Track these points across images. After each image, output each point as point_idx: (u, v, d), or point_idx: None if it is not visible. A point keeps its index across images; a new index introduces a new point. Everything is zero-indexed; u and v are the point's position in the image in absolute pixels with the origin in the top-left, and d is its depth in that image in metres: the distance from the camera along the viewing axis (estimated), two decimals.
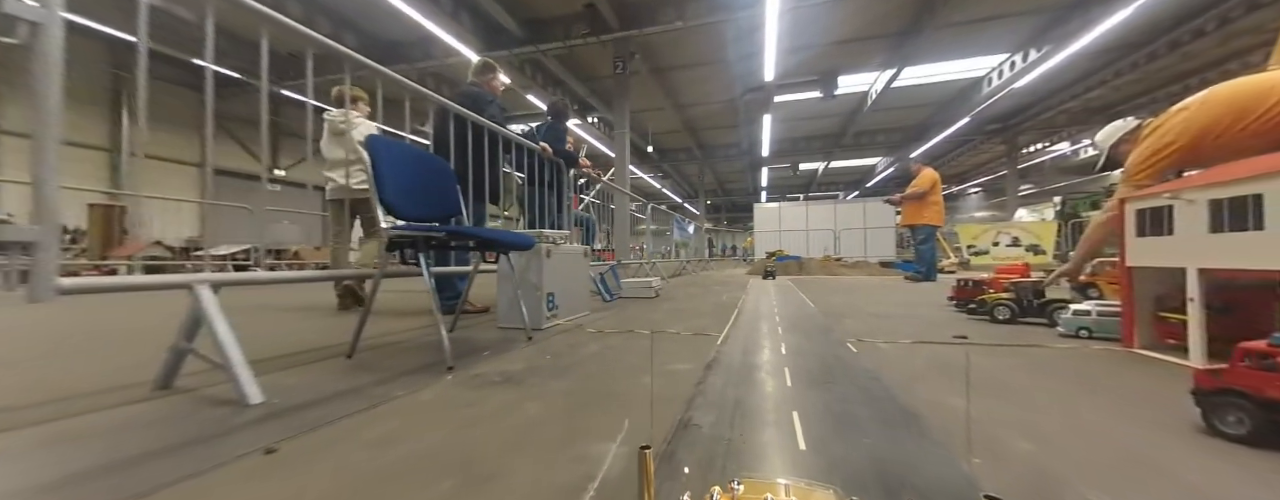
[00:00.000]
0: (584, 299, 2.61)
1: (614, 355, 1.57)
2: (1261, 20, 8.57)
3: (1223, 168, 1.28)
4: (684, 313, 2.69)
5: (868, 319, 2.38)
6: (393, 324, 2.25)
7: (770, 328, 2.09)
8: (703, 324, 2.23)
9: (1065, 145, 17.14)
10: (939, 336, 1.87)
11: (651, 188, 24.61)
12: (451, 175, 1.87)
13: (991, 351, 1.60)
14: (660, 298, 3.53)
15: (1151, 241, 1.45)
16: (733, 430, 0.89)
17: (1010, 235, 9.29)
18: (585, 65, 11.19)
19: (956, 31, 10.04)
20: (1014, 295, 2.13)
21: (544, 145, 2.77)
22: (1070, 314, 1.77)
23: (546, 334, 1.96)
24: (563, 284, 2.30)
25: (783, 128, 15.63)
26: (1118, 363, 1.42)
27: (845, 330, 2.03)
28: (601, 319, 2.42)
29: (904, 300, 3.33)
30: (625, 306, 3.01)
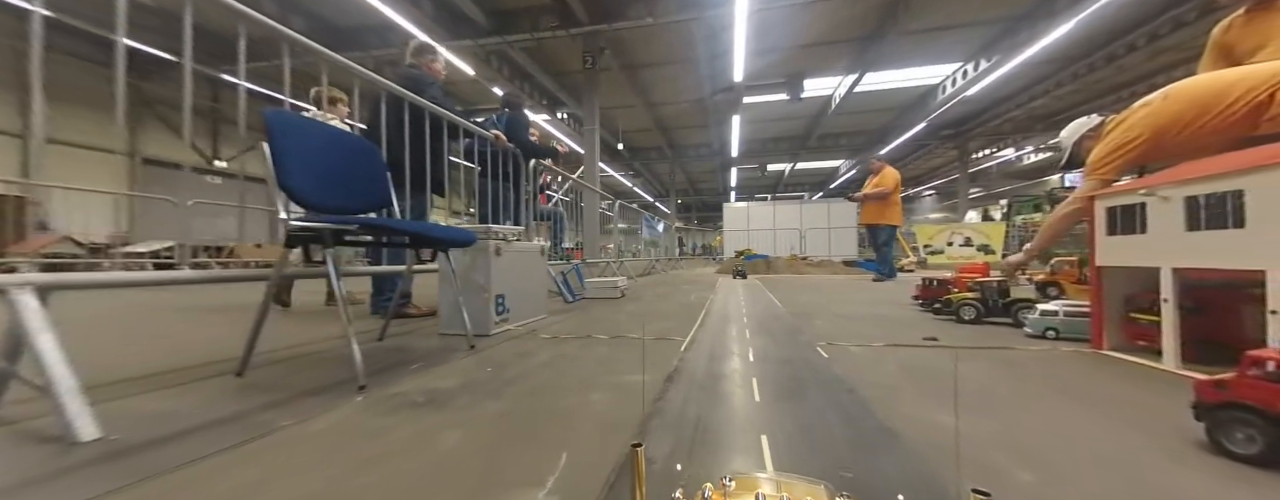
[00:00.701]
0: (541, 301, 2.41)
1: (565, 365, 1.39)
2: (1185, 38, 9.23)
3: (1200, 163, 1.23)
4: (649, 314, 2.53)
5: (836, 320, 2.29)
6: (317, 331, 1.98)
7: (738, 331, 1.96)
8: (667, 327, 2.08)
9: (1010, 151, 18.10)
10: (909, 338, 1.79)
11: (623, 186, 24.43)
12: (380, 161, 1.63)
13: (964, 355, 1.52)
14: (626, 298, 3.36)
15: (1123, 240, 1.40)
16: (691, 461, 0.73)
17: (963, 235, 9.66)
18: (554, 59, 10.88)
19: (915, 39, 10.35)
20: (979, 295, 2.09)
21: (497, 133, 2.54)
22: (1037, 314, 1.72)
23: (493, 341, 1.76)
24: (516, 285, 2.10)
25: (751, 129, 15.78)
26: (1092, 366, 1.35)
27: (814, 332, 1.92)
28: (559, 323, 2.23)
29: (869, 299, 3.30)
30: (588, 308, 2.82)
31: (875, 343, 1.69)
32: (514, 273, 2.09)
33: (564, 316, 2.44)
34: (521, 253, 2.17)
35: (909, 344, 1.67)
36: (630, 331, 1.96)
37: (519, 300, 2.12)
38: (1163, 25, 9.20)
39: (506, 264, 2.01)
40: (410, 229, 1.26)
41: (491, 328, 1.86)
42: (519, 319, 2.12)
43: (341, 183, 1.43)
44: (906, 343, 1.69)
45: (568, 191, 6.73)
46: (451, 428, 0.90)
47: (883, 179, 5.34)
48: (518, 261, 2.12)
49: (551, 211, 3.97)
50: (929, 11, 9.33)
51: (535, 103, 12.21)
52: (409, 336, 1.88)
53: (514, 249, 2.08)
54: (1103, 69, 10.89)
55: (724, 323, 2.19)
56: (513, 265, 2.07)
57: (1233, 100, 1.43)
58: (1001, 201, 15.49)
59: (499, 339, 1.80)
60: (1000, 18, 9.68)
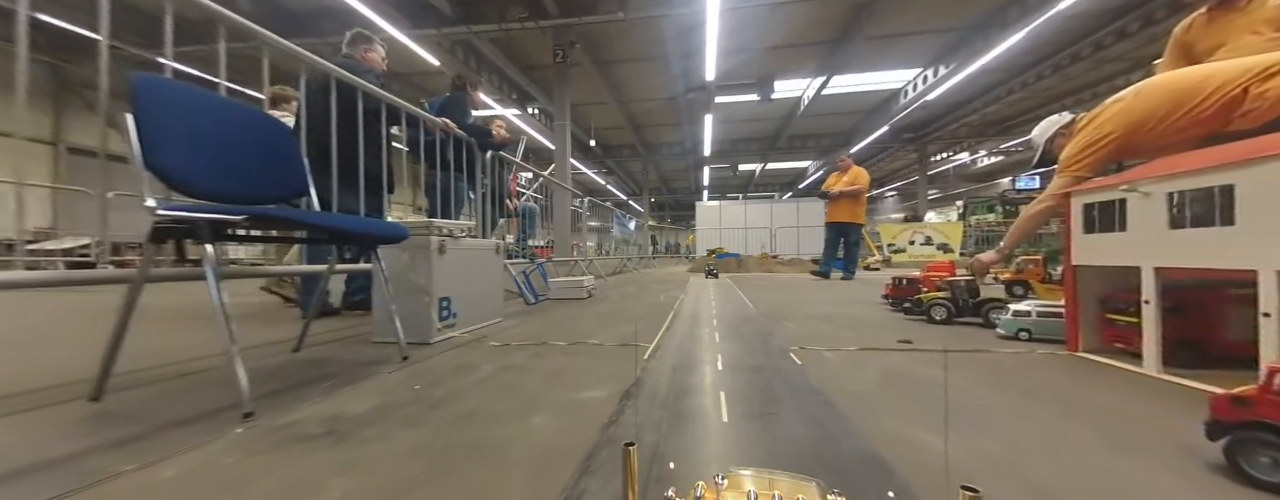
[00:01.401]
0: (497, 303, 2.20)
1: (511, 380, 1.20)
2: (1126, 49, 9.80)
3: (1185, 156, 1.16)
4: (615, 316, 2.37)
5: (807, 321, 2.19)
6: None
7: (707, 335, 1.82)
8: (632, 331, 1.92)
9: (965, 155, 18.90)
10: (882, 340, 1.69)
11: (597, 184, 24.15)
12: (292, 142, 1.39)
13: (939, 357, 1.43)
14: (593, 299, 3.19)
15: (1100, 238, 1.33)
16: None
17: (924, 235, 9.96)
18: (523, 52, 10.54)
19: (878, 44, 10.57)
20: (949, 295, 2.03)
21: (446, 121, 2.30)
22: (1010, 315, 1.65)
23: (434, 350, 1.55)
24: (465, 286, 1.89)
25: (723, 128, 15.84)
26: (1071, 371, 1.28)
27: (786, 335, 1.80)
28: (515, 327, 2.03)
29: (838, 298, 3.24)
30: (551, 310, 2.63)
31: (849, 347, 1.58)
32: (463, 273, 1.88)
33: (522, 320, 2.24)
34: (473, 250, 1.96)
35: (884, 347, 1.57)
36: (592, 336, 1.79)
37: (469, 303, 1.91)
38: (1106, 37, 9.73)
39: (454, 263, 1.80)
40: (316, 222, 1.05)
41: (433, 335, 1.65)
42: (469, 324, 1.91)
43: (241, 166, 1.19)
44: (881, 346, 1.59)
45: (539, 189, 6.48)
46: (344, 471, 0.70)
47: (857, 177, 5.23)
48: (468, 260, 1.91)
49: (522, 208, 3.71)
50: (891, 18, 9.54)
51: (504, 96, 11.82)
52: (335, 346, 1.65)
53: (463, 246, 1.87)
54: (1050, 77, 11.44)
55: (693, 325, 2.05)
56: (462, 264, 1.86)
57: (1206, 96, 1.39)
58: (958, 202, 16.15)
59: (440, 348, 1.59)
60: (957, 26, 10.01)
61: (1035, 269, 2.30)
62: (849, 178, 5.26)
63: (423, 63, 9.64)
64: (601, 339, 1.74)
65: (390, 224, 1.32)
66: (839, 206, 5.28)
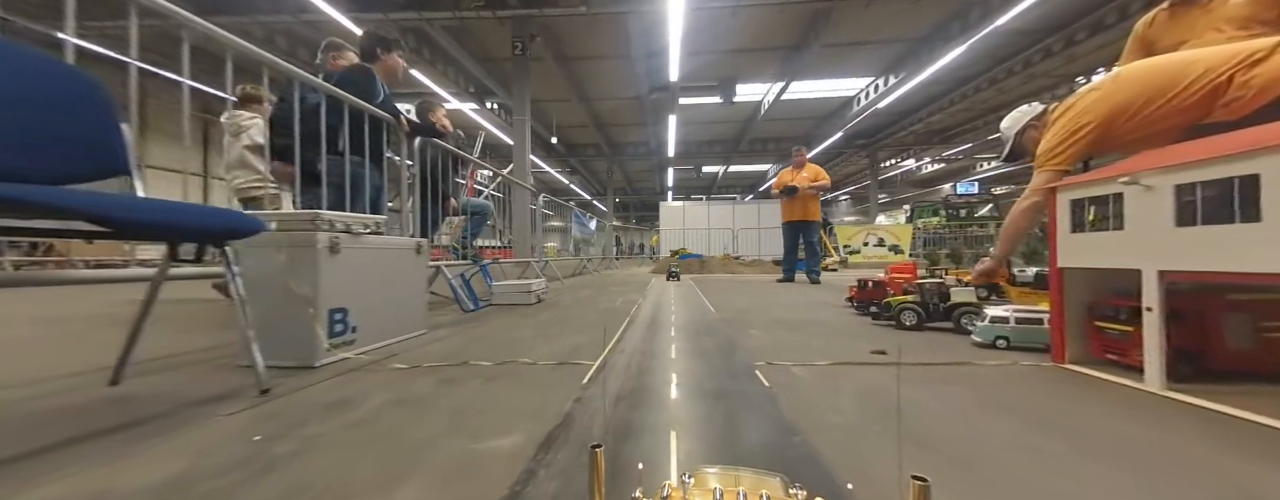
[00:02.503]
0: (418, 313, 1.85)
1: (395, 423, 0.90)
2: (1054, 66, 10.50)
3: (1197, 144, 1.02)
4: (562, 325, 2.08)
5: (772, 328, 1.99)
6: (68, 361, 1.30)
7: (663, 347, 1.57)
8: (577, 344, 1.64)
9: (912, 162, 19.87)
10: (854, 350, 1.51)
11: (560, 183, 23.59)
12: (103, 100, 1.01)
13: (921, 374, 1.24)
14: (542, 304, 2.87)
15: (1091, 238, 1.19)
16: None
17: (876, 236, 10.25)
18: (481, 43, 9.98)
19: (834, 52, 10.81)
20: (918, 298, 1.88)
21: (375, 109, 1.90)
22: (987, 321, 1.50)
23: (313, 378, 1.21)
24: (370, 294, 1.54)
25: (687, 130, 15.80)
26: (1066, 388, 1.12)
27: (751, 347, 1.58)
28: (436, 343, 1.70)
29: (802, 302, 3.10)
30: (489, 319, 2.31)
31: (820, 360, 1.38)
32: (368, 277, 1.53)
33: (450, 332, 1.91)
34: (382, 250, 1.61)
35: (858, 361, 1.38)
36: (526, 353, 1.50)
37: (376, 314, 1.57)
38: (1035, 54, 10.38)
39: (354, 265, 1.45)
40: (89, 207, 0.70)
41: (319, 356, 1.30)
42: (375, 340, 1.57)
43: (21, 132, 0.82)
44: (854, 359, 1.39)
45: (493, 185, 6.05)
46: None
47: (818, 174, 4.88)
48: (375, 262, 1.57)
49: (479, 204, 3.28)
50: (846, 27, 9.75)
51: (460, 90, 11.20)
52: (176, 375, 1.27)
53: (366, 245, 1.52)
54: (986, 90, 12.13)
55: (649, 336, 1.80)
56: (366, 267, 1.52)
57: (1188, 83, 1.28)
58: (905, 206, 16.90)
59: (325, 374, 1.25)
60: (906, 38, 10.39)
61: (1005, 271, 2.22)
62: (809, 174, 4.88)
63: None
64: (537, 356, 1.45)
65: (229, 213, 0.97)
66: (794, 205, 4.87)
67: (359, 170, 1.90)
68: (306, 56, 9.51)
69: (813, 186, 4.79)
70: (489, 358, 1.43)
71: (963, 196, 13.78)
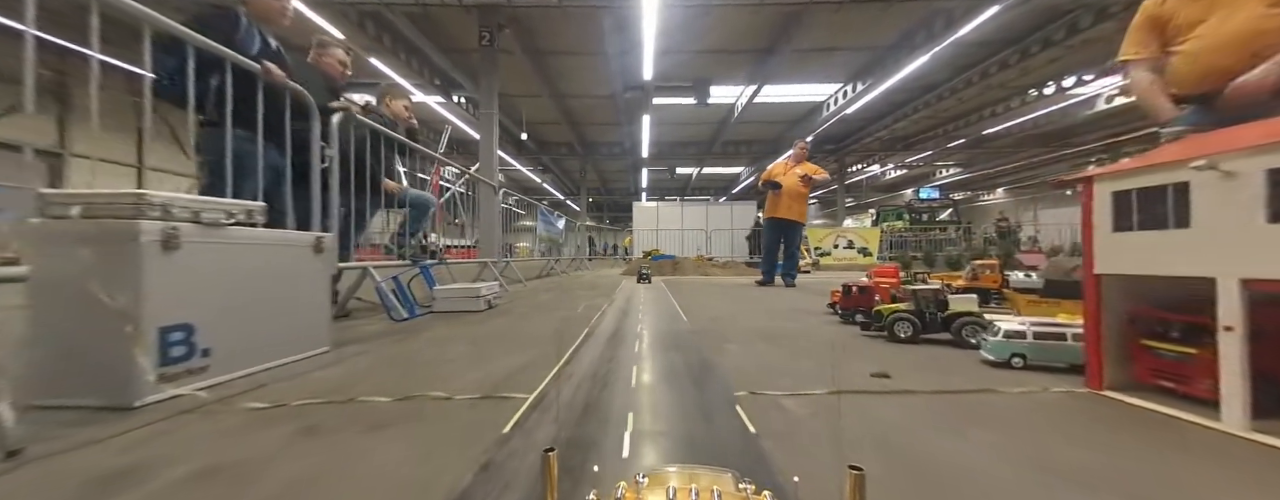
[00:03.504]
0: (315, 327, 1.47)
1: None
2: (1010, 77, 10.86)
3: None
4: (506, 339, 1.74)
5: (752, 342, 1.71)
6: None
7: (622, 370, 1.26)
8: (516, 367, 1.31)
9: (877, 167, 20.38)
10: (850, 373, 1.24)
11: (532, 182, 22.95)
12: None
13: (937, 408, 0.99)
14: (494, 310, 2.51)
15: (1143, 238, 0.96)
16: None
17: (846, 239, 10.30)
18: (447, 33, 9.41)
19: (805, 57, 10.82)
20: (912, 306, 1.65)
21: (269, 65, 1.49)
22: (1000, 336, 1.27)
23: (123, 424, 0.83)
24: (237, 305, 1.17)
25: (661, 130, 15.59)
26: (1120, 426, 0.88)
27: (729, 368, 1.29)
28: (333, 366, 1.33)
29: (779, 308, 2.86)
30: (423, 329, 1.94)
31: (813, 387, 1.10)
32: (232, 283, 1.15)
33: (362, 350, 1.54)
34: (257, 248, 1.23)
35: (859, 389, 1.11)
36: (444, 382, 1.15)
37: (246, 331, 1.19)
38: (992, 65, 10.70)
39: (205, 267, 1.08)
40: None
41: (141, 392, 0.93)
42: (242, 365, 1.19)
43: None
44: (855, 386, 1.12)
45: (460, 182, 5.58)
46: None
47: (818, 171, 4.31)
48: (244, 263, 1.19)
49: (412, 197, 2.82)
50: (817, 32, 9.75)
51: (424, 81, 10.57)
52: None
53: (231, 240, 1.15)
54: (947, 99, 12.46)
55: (608, 354, 1.49)
56: (228, 270, 1.14)
57: None
58: (870, 210, 17.28)
59: (143, 418, 0.87)
60: (873, 45, 10.51)
61: (991, 275, 2.04)
62: (808, 168, 4.28)
63: (318, 31, 8.20)
64: (457, 386, 1.11)
65: None
66: (783, 201, 4.29)
67: (246, 147, 1.50)
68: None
69: (813, 177, 4.22)
70: (389, 390, 1.08)
71: (925, 201, 14.17)
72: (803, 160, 4.38)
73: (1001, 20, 8.80)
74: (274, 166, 1.68)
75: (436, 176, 9.52)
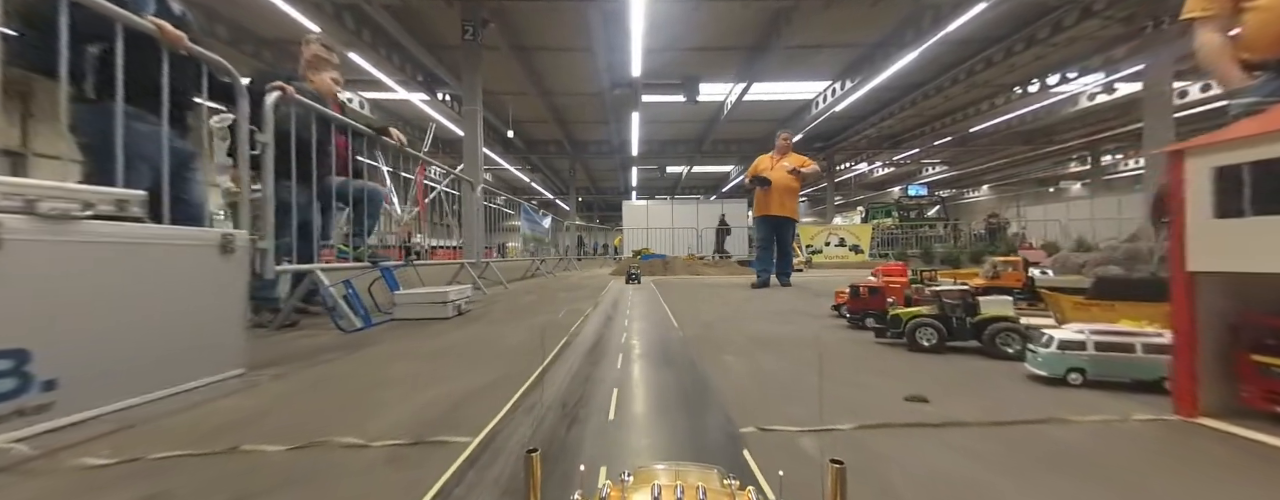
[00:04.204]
0: (225, 344, 1.19)
1: None
2: (994, 75, 10.84)
3: None
4: (466, 354, 1.48)
5: (752, 351, 1.48)
6: None
7: (600, 396, 1.01)
8: (470, 391, 1.05)
9: (864, 165, 20.40)
10: (877, 395, 1.01)
11: (520, 181, 22.55)
12: None
13: (996, 443, 0.76)
14: (464, 317, 2.24)
15: (1260, 226, 0.74)
16: None
17: (837, 236, 10.18)
18: (429, 28, 9.05)
19: (794, 54, 10.67)
20: (936, 310, 1.43)
21: (163, 23, 1.22)
22: (1053, 346, 1.05)
23: None
24: (99, 323, 0.89)
25: (650, 129, 15.36)
26: (1235, 466, 0.66)
27: (729, 391, 1.05)
28: (234, 396, 1.06)
29: (778, 310, 2.63)
30: (372, 342, 1.66)
31: (838, 420, 0.87)
32: (92, 294, 0.88)
33: (285, 371, 1.26)
34: (132, 248, 0.96)
35: (891, 421, 0.88)
36: (367, 420, 0.89)
37: (115, 355, 0.92)
38: (978, 63, 10.67)
39: (46, 273, 0.81)
40: None
41: None
42: (108, 399, 0.91)
43: None
44: (891, 419, 0.89)
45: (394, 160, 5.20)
46: None
47: (805, 163, 4.03)
48: (109, 268, 0.92)
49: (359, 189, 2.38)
50: (806, 29, 9.59)
51: (407, 77, 10.19)
52: None
53: (88, 238, 0.87)
54: (933, 97, 12.42)
55: (585, 371, 1.24)
56: (83, 277, 0.87)
57: None
58: (859, 208, 17.26)
59: None
60: (861, 42, 10.39)
61: (1015, 273, 1.84)
62: (794, 163, 4.02)
63: (299, 29, 7.80)
64: (384, 425, 0.86)
65: None
66: (772, 197, 4.03)
67: (139, 126, 1.22)
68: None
69: (801, 169, 3.95)
70: (290, 433, 0.81)
71: (913, 198, 14.14)
72: (788, 153, 4.14)
73: (987, 18, 8.73)
74: (181, 152, 1.40)
75: (421, 175, 9.16)
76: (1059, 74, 11.32)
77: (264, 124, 1.66)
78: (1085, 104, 13.20)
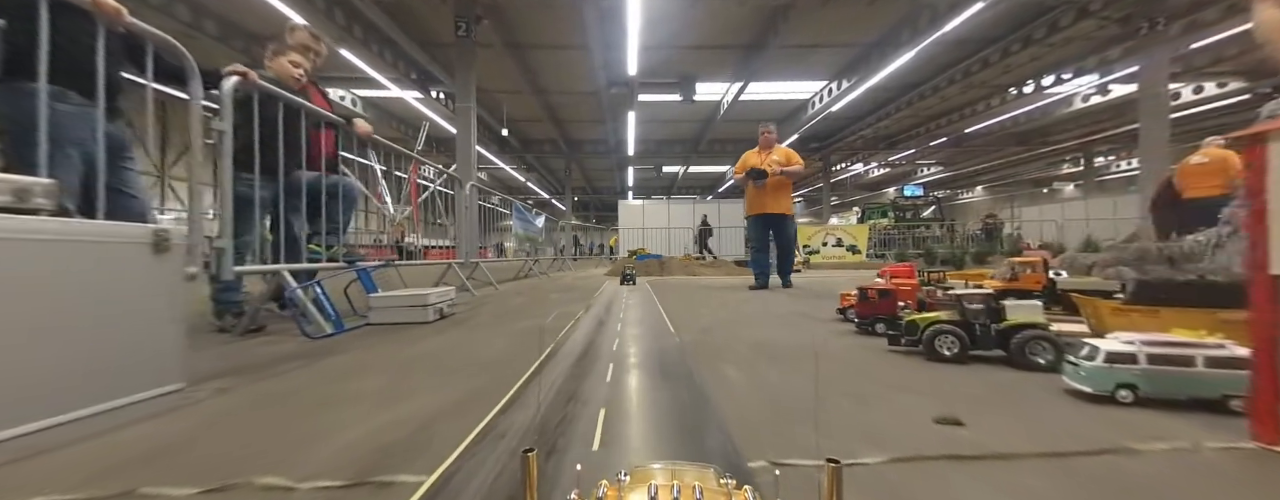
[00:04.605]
0: (160, 356, 1.04)
1: None
2: (991, 76, 10.78)
3: None
4: (439, 366, 1.33)
5: (755, 361, 1.35)
6: None
7: (583, 423, 0.87)
8: (433, 413, 0.91)
9: (860, 166, 20.35)
10: (903, 416, 0.88)
11: (516, 181, 22.36)
12: None
13: (1054, 482, 0.63)
14: (446, 321, 2.10)
15: None
16: None
17: (834, 236, 10.09)
18: (423, 25, 8.87)
19: (791, 53, 10.56)
20: (956, 315, 1.30)
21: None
22: (1099, 359, 0.92)
23: None
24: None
25: (646, 128, 15.23)
26: None
27: (733, 409, 0.92)
28: (167, 414, 0.91)
29: (781, 314, 2.50)
30: (338, 351, 1.52)
31: (864, 453, 0.73)
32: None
33: (230, 385, 1.12)
34: (28, 246, 0.81)
35: (927, 454, 0.74)
36: (293, 454, 0.75)
37: (18, 371, 0.77)
38: (974, 64, 10.60)
39: None
40: None
41: None
42: (6, 423, 0.77)
43: None
44: (919, 451, 0.76)
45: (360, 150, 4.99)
46: None
47: (791, 157, 3.86)
48: (11, 269, 0.77)
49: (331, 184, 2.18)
50: (803, 28, 9.50)
51: (400, 75, 10.00)
52: None
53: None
54: (930, 97, 12.36)
55: (570, 387, 1.10)
56: None
57: None
58: (855, 208, 17.20)
59: None
60: (859, 42, 10.30)
61: (1035, 275, 1.71)
62: (780, 156, 3.86)
63: (284, 22, 7.60)
64: (321, 460, 0.71)
65: None
66: (763, 194, 3.84)
67: (61, 108, 1.07)
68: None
69: (785, 170, 3.74)
70: (207, 470, 0.67)
71: (909, 198, 14.10)
72: (772, 146, 3.96)
73: (984, 18, 8.65)
74: (116, 138, 1.25)
75: (414, 174, 8.97)
76: (1054, 75, 11.29)
77: (222, 111, 1.50)
78: (1080, 105, 13.20)
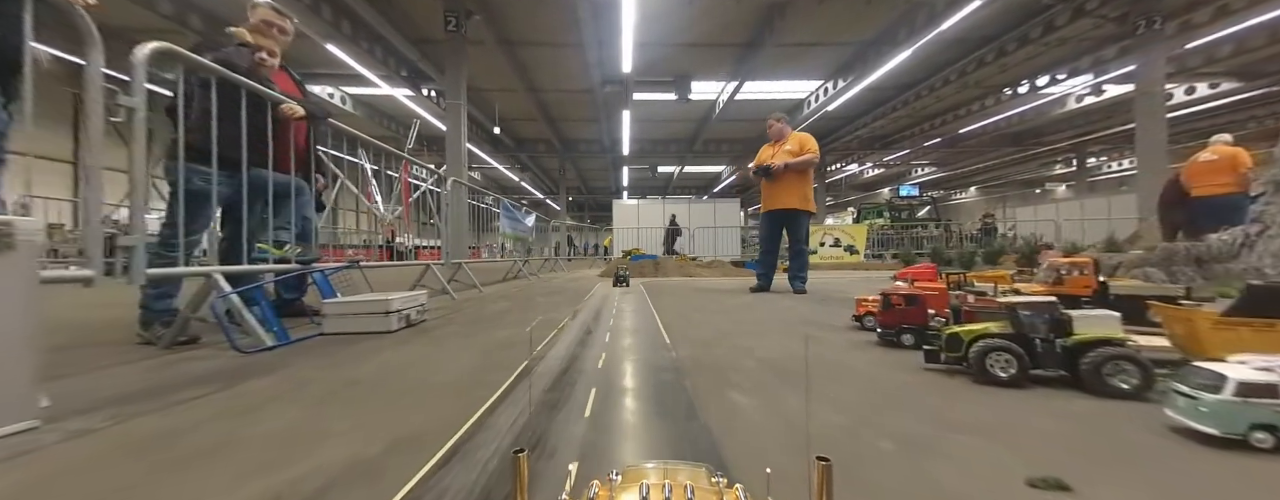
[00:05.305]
0: (3, 385, 0.79)
1: None
2: (986, 75, 10.66)
3: None
4: (383, 392, 1.09)
5: (767, 383, 1.11)
6: None
7: (549, 481, 0.63)
8: (341, 466, 0.66)
9: (855, 166, 20.24)
10: (974, 471, 0.65)
11: (510, 181, 22.06)
12: None
13: None
14: (412, 329, 1.84)
15: None
16: None
17: (832, 236, 9.91)
18: (412, 21, 8.58)
19: (787, 52, 10.38)
20: (1010, 326, 1.07)
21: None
22: (1227, 391, 0.70)
23: None
24: None
25: (641, 128, 15.00)
26: None
27: (748, 458, 0.68)
28: (2, 462, 0.66)
29: (789, 321, 2.27)
30: (275, 366, 1.26)
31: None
32: None
33: (103, 421, 0.86)
34: None
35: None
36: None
37: None
38: (970, 63, 10.48)
39: None
40: None
41: None
42: None
43: None
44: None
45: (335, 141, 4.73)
46: None
47: (805, 144, 3.44)
48: None
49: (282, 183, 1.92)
50: (799, 26, 9.32)
51: (390, 72, 9.69)
52: None
53: None
54: (925, 97, 12.22)
55: (540, 428, 0.86)
56: None
57: None
58: (850, 208, 17.08)
59: None
60: (854, 41, 10.14)
61: (1083, 277, 1.49)
62: (793, 146, 3.44)
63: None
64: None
65: None
66: (777, 189, 3.45)
67: None
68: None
69: (790, 163, 3.36)
70: None
71: (904, 198, 13.97)
72: (784, 137, 3.56)
73: (980, 17, 8.50)
74: None
75: (405, 173, 8.68)
76: (1049, 75, 11.19)
77: (133, 86, 1.25)
78: (1073, 106, 13.13)
